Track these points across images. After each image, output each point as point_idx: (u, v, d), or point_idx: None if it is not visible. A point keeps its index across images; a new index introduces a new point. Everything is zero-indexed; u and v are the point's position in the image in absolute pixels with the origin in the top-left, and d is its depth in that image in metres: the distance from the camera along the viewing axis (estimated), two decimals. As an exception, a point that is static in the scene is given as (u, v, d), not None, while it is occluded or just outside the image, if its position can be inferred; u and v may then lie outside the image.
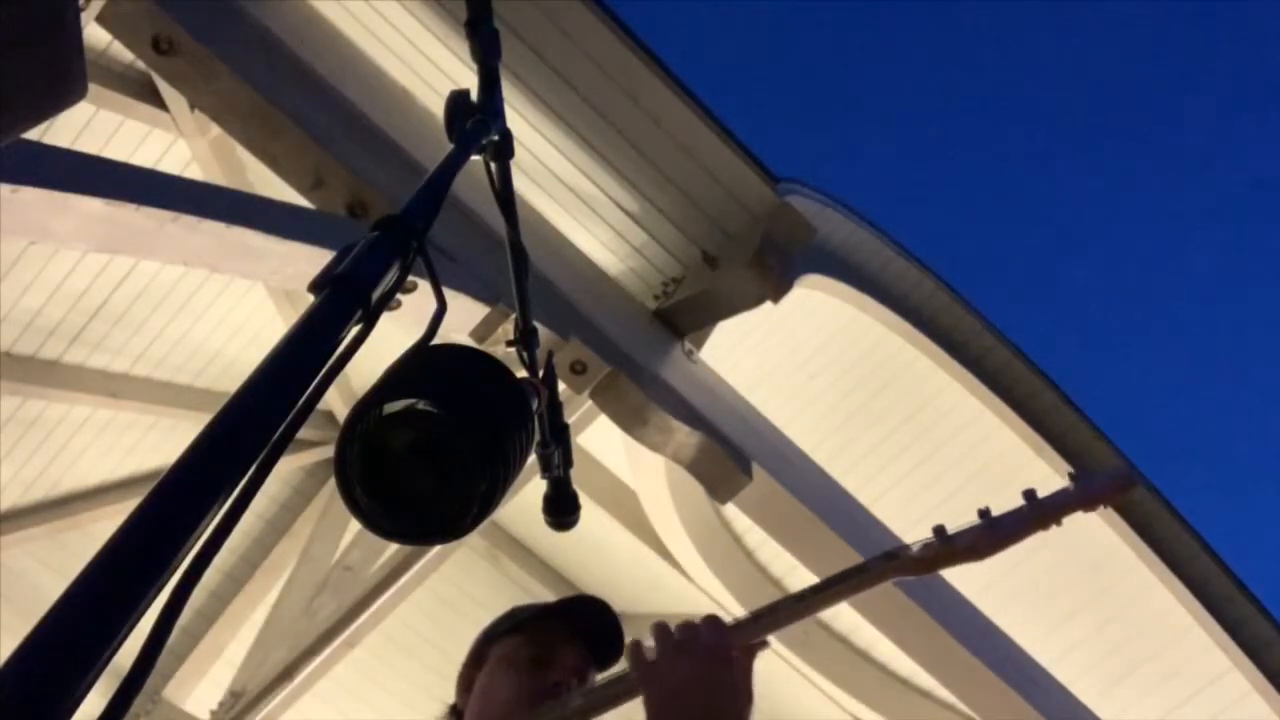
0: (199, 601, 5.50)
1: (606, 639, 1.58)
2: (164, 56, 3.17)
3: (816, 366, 4.70)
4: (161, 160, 4.43)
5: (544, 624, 1.59)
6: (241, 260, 3.08)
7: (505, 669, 1.55)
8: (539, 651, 1.55)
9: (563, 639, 1.56)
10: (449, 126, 1.12)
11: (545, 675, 1.52)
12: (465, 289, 3.26)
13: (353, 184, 3.29)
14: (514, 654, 1.56)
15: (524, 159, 3.70)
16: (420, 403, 0.92)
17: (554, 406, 1.31)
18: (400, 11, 3.59)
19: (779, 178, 3.88)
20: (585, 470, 4.26)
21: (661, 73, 3.65)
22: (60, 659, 0.58)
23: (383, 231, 0.88)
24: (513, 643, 1.58)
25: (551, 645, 1.55)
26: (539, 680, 1.51)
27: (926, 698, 5.09)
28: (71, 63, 1.05)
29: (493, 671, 1.57)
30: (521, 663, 1.55)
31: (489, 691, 1.55)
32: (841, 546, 3.91)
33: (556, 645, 1.55)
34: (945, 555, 1.31)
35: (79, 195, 2.74)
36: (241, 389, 0.73)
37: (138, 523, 0.64)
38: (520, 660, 1.55)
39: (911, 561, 1.32)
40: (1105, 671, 4.84)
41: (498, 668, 1.57)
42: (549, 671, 1.52)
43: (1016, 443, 4.64)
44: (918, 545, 1.34)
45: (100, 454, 5.27)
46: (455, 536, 0.97)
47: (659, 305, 3.97)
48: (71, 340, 4.87)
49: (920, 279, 4.52)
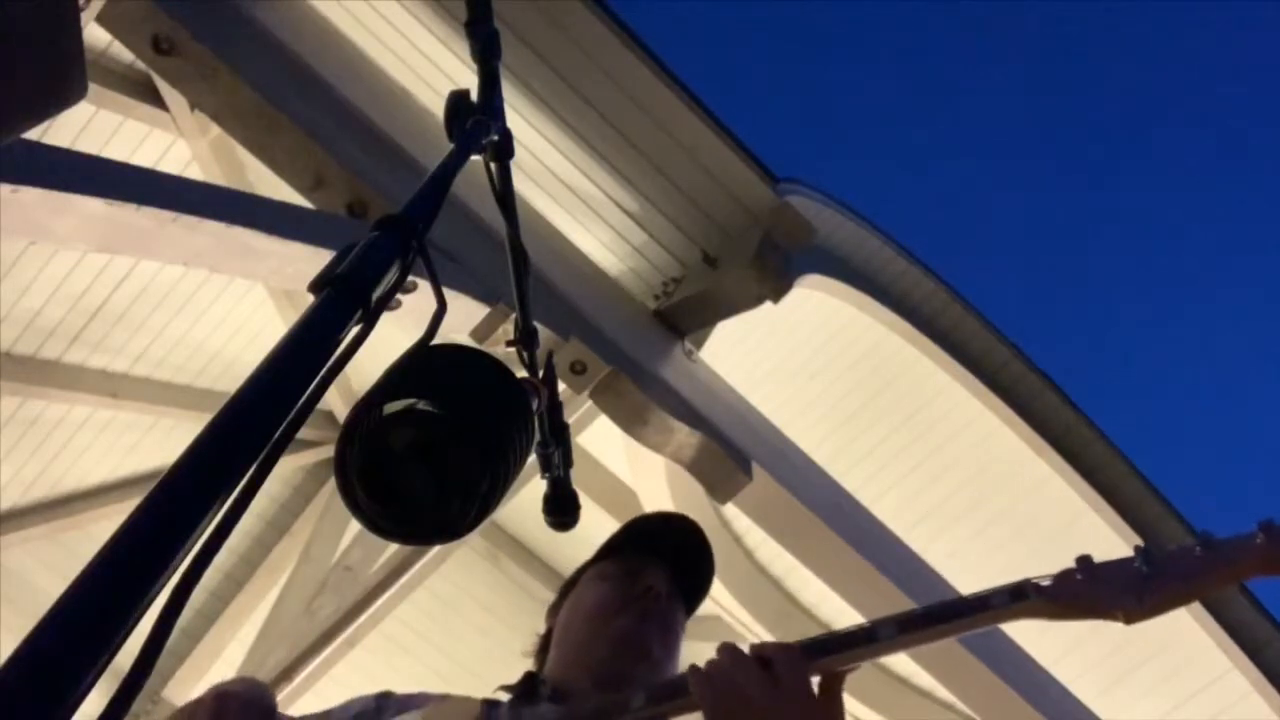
0: (199, 601, 5.50)
1: (694, 560, 1.58)
2: (164, 56, 3.17)
3: (816, 366, 4.70)
4: (161, 160, 4.43)
5: (633, 545, 1.59)
6: (241, 260, 3.08)
7: (596, 582, 1.56)
8: (630, 566, 1.55)
9: (651, 560, 1.56)
10: (449, 126, 1.12)
11: (636, 583, 1.52)
12: (465, 289, 3.26)
13: (353, 184, 3.29)
14: (605, 570, 1.57)
15: (524, 159, 3.70)
16: (420, 403, 0.92)
17: (554, 406, 1.31)
18: (400, 11, 3.59)
19: (779, 178, 3.88)
20: (585, 470, 4.25)
21: (661, 73, 3.65)
22: (60, 659, 0.58)
23: (383, 231, 0.88)
24: (603, 564, 1.59)
25: (642, 563, 1.55)
26: (630, 587, 1.51)
27: (926, 698, 5.09)
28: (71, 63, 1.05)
29: (584, 586, 1.57)
30: (612, 575, 1.55)
31: (581, 602, 1.55)
32: (841, 546, 3.91)
33: (646, 563, 1.55)
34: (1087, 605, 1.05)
35: (79, 195, 2.74)
36: (241, 389, 0.73)
37: (138, 523, 0.64)
38: (611, 574, 1.55)
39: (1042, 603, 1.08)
40: (1105, 671, 4.84)
41: (588, 583, 1.57)
42: (639, 580, 1.52)
43: (1016, 443, 4.64)
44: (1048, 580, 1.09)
45: (100, 454, 5.27)
46: (455, 536, 0.97)
47: (659, 305, 3.97)
48: (71, 340, 4.87)
49: (920, 279, 4.52)
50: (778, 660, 1.11)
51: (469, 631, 5.64)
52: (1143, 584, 1.03)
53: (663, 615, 1.51)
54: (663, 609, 1.51)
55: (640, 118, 3.71)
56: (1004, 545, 4.84)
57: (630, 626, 1.47)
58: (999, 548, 4.84)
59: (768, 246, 3.75)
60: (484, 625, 5.66)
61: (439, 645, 5.65)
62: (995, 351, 4.60)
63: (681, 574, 1.56)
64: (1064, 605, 1.06)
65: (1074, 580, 1.06)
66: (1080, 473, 4.63)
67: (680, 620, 1.54)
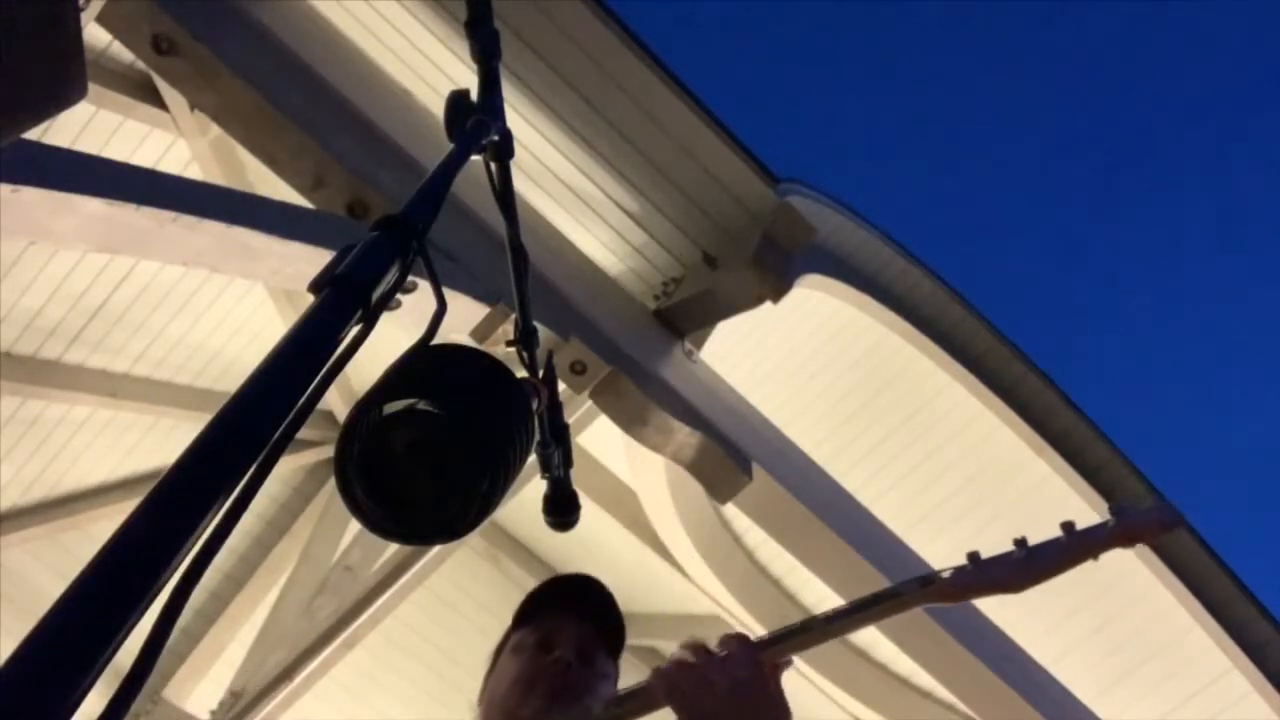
0: (199, 601, 5.50)
1: (603, 613, 1.61)
2: (164, 56, 3.17)
3: (816, 366, 4.70)
4: (161, 160, 4.43)
5: (544, 607, 1.63)
6: (241, 260, 3.08)
7: (512, 655, 1.59)
8: (542, 635, 1.58)
9: (564, 619, 1.59)
10: (449, 126, 1.12)
11: (548, 654, 1.55)
12: (465, 289, 3.26)
13: (353, 184, 3.29)
14: (520, 642, 1.60)
15: (524, 159, 3.70)
16: (420, 403, 0.92)
17: (554, 406, 1.31)
18: (400, 11, 3.59)
19: (779, 178, 3.88)
20: (585, 470, 4.26)
21: (662, 73, 3.65)
22: (60, 659, 0.58)
23: (383, 231, 0.88)
24: (518, 634, 1.62)
25: (554, 628, 1.58)
26: (539, 659, 1.55)
27: (926, 698, 5.09)
28: (71, 63, 1.05)
29: (502, 661, 1.60)
30: (526, 647, 1.58)
31: (498, 679, 1.58)
32: (841, 546, 3.91)
33: (559, 626, 1.58)
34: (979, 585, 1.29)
35: (79, 195, 2.74)
36: (241, 389, 0.73)
37: (137, 523, 0.64)
38: (525, 645, 1.58)
39: (945, 589, 1.30)
40: (1105, 671, 4.85)
41: (506, 657, 1.60)
42: (552, 651, 1.55)
43: (1016, 443, 4.64)
44: (949, 571, 1.31)
45: (100, 454, 5.27)
46: (455, 536, 0.97)
47: (659, 305, 3.97)
48: (71, 340, 4.87)
49: (920, 279, 4.52)
50: (728, 645, 1.28)
51: (469, 631, 5.63)
52: (1020, 566, 1.29)
53: (576, 686, 1.53)
54: (574, 678, 1.53)
55: (640, 118, 3.71)
56: (1004, 545, 4.83)
57: (540, 708, 1.50)
58: (999, 548, 4.83)
59: (768, 246, 3.76)
60: (484, 625, 5.66)
61: (439, 645, 5.65)
62: (995, 351, 4.60)
63: (597, 625, 1.60)
64: (961, 589, 1.30)
65: (967, 571, 1.30)
66: (1080, 472, 4.63)
67: (598, 675, 1.57)
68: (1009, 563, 1.29)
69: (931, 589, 1.30)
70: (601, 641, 1.60)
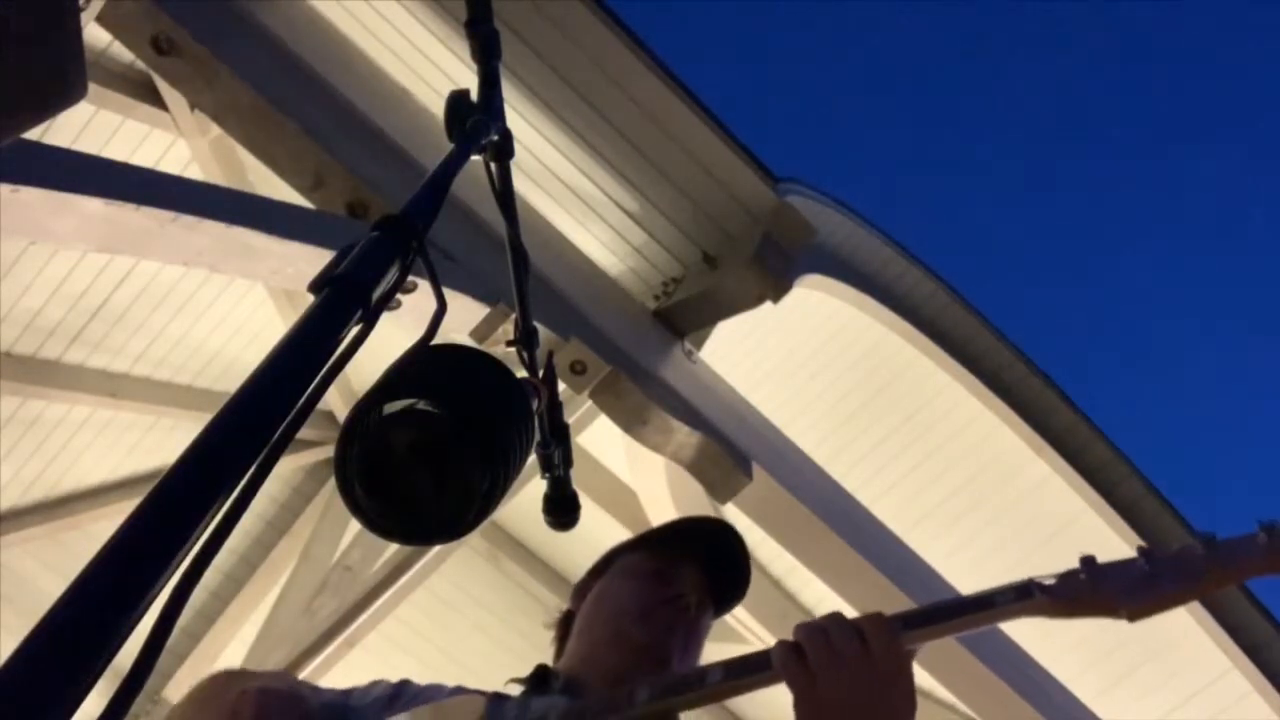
0: (199, 601, 5.50)
1: (730, 566, 1.55)
2: (164, 56, 3.17)
3: (816, 366, 4.70)
4: (161, 160, 4.43)
5: (671, 542, 1.57)
6: (241, 260, 3.08)
7: (626, 577, 1.53)
8: (662, 565, 1.52)
9: (687, 559, 1.53)
10: (449, 126, 1.12)
11: (666, 587, 1.49)
12: (465, 289, 3.26)
13: (353, 184, 3.29)
14: (637, 565, 1.54)
15: (524, 159, 3.70)
16: (420, 403, 0.92)
17: (554, 406, 1.31)
18: (400, 11, 3.59)
19: (779, 178, 3.88)
20: (585, 470, 4.25)
21: (662, 73, 3.65)
22: (60, 659, 0.58)
23: (383, 231, 0.88)
24: (636, 556, 1.56)
25: (676, 562, 1.52)
26: (660, 591, 1.49)
27: (926, 698, 5.09)
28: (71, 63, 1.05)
29: (613, 578, 1.54)
30: (644, 573, 1.52)
31: (606, 596, 1.52)
32: (841, 546, 3.91)
33: (681, 563, 1.52)
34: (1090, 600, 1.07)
35: (79, 195, 2.74)
36: (241, 389, 0.73)
37: (138, 523, 0.64)
38: (643, 571, 1.52)
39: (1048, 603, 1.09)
40: (1105, 671, 4.84)
41: (619, 575, 1.54)
42: (671, 584, 1.49)
43: (1016, 443, 4.64)
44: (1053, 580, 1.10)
45: (100, 454, 5.27)
46: (455, 536, 0.97)
47: (659, 305, 3.97)
48: (71, 340, 4.87)
49: (920, 279, 4.52)
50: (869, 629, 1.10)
51: (469, 631, 5.64)
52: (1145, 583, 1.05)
53: (688, 627, 1.48)
54: (689, 620, 1.48)
55: (640, 118, 3.71)
56: (1004, 545, 4.84)
57: (653, 638, 1.44)
58: (999, 548, 4.84)
59: (768, 246, 3.75)
60: (484, 625, 5.66)
61: (439, 645, 5.65)
62: (995, 352, 4.60)
63: (715, 578, 1.53)
64: (1068, 604, 1.08)
65: (1078, 580, 1.08)
66: (1080, 473, 4.63)
67: (705, 628, 1.51)
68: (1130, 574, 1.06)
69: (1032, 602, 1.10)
70: (713, 599, 1.53)
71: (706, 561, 1.53)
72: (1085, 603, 1.07)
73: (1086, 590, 1.07)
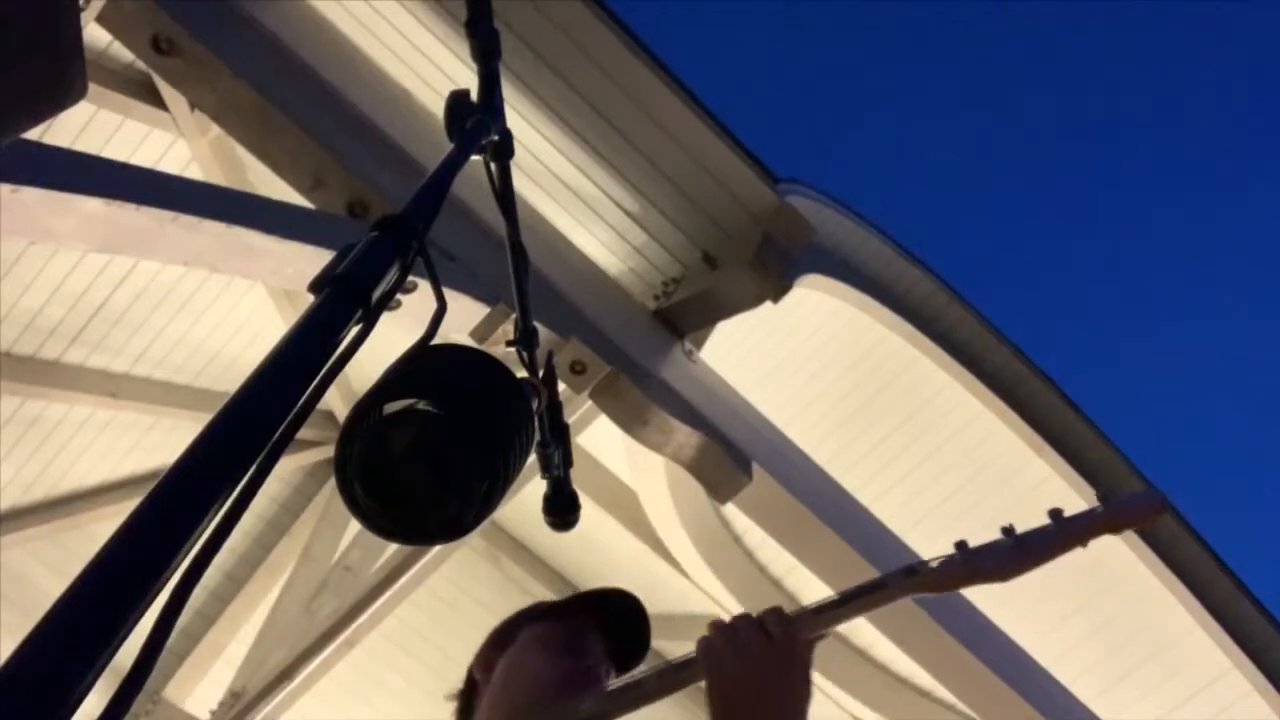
0: (199, 601, 5.50)
1: (634, 634, 1.58)
2: (164, 56, 3.17)
3: (817, 366, 4.70)
4: (161, 160, 4.43)
5: (578, 613, 1.60)
6: (241, 260, 3.08)
7: (538, 649, 1.54)
8: (573, 637, 1.54)
9: (594, 628, 1.56)
10: (449, 126, 1.12)
11: (579, 659, 1.51)
12: (465, 289, 3.26)
13: (353, 184, 3.29)
14: (548, 635, 1.56)
15: (524, 159, 3.70)
16: (420, 403, 0.92)
17: (554, 406, 1.31)
18: (400, 11, 3.59)
19: (779, 178, 3.88)
20: (585, 470, 4.26)
21: (661, 73, 3.65)
22: (60, 659, 0.58)
23: (383, 231, 0.88)
24: (545, 626, 1.58)
25: (584, 633, 1.55)
26: (574, 663, 1.51)
27: (926, 697, 5.09)
28: (71, 63, 1.05)
29: (523, 650, 1.56)
30: (556, 645, 1.54)
31: (517, 669, 1.54)
32: (841, 546, 3.91)
33: (588, 634, 1.55)
34: (967, 574, 1.29)
35: (79, 195, 2.74)
36: (241, 389, 0.73)
37: (138, 522, 0.64)
38: (555, 642, 1.54)
39: (932, 578, 1.30)
40: (1105, 671, 4.85)
41: (529, 647, 1.56)
42: (582, 656, 1.52)
43: (1016, 443, 4.64)
44: (937, 561, 1.31)
45: (100, 454, 5.27)
46: (455, 536, 0.96)
47: (659, 305, 3.97)
48: (71, 340, 4.87)
49: (920, 279, 4.52)
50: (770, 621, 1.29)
51: (469, 631, 5.61)
52: (1009, 554, 1.28)
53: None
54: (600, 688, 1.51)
55: (640, 118, 3.71)
56: (1003, 544, 4.83)
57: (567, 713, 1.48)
58: (997, 546, 4.83)
59: (768, 246, 3.75)
60: (484, 625, 5.63)
61: (439, 645, 5.65)
62: (995, 352, 4.59)
63: (620, 645, 1.57)
64: (948, 578, 1.30)
65: (955, 561, 1.30)
66: (1080, 473, 4.63)
67: None
68: (997, 551, 1.28)
69: (917, 579, 1.31)
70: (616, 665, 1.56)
71: (612, 630, 1.57)
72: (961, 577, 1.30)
73: (961, 568, 1.29)
